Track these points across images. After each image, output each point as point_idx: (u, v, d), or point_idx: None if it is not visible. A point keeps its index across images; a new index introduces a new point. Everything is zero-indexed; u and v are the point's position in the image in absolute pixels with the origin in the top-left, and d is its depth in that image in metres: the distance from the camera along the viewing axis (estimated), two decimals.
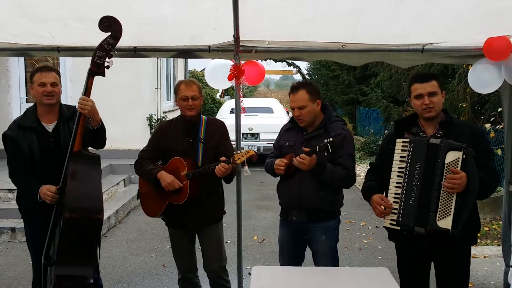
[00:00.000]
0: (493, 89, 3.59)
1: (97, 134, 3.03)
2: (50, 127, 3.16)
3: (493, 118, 6.54)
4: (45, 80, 3.09)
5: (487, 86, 3.54)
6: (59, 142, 3.11)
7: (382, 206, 2.78)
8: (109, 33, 2.80)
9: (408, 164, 2.73)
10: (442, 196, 2.62)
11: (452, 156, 2.60)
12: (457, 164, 2.59)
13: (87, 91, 2.86)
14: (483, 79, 3.50)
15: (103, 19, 2.78)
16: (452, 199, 2.60)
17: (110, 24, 2.79)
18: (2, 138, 3.17)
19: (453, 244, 2.71)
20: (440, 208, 2.62)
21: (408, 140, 2.77)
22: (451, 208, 2.61)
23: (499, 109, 5.90)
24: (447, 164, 2.61)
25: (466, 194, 2.59)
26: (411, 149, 2.73)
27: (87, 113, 2.86)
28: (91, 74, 2.85)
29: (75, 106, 3.18)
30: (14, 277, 4.75)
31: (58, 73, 3.20)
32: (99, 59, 2.82)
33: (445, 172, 2.61)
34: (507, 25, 3.24)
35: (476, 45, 3.44)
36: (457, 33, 3.44)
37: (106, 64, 2.85)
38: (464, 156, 2.58)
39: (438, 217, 2.62)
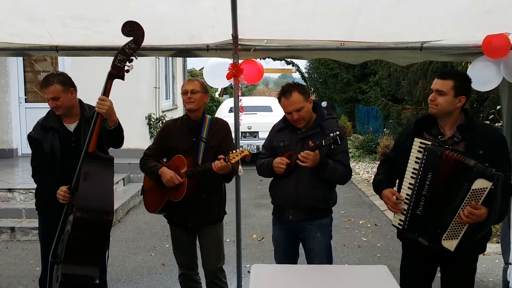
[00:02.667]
0: (492, 87, 3.59)
1: (114, 134, 3.05)
2: (71, 127, 3.23)
3: (492, 116, 6.54)
4: (46, 96, 3.13)
5: (486, 83, 3.54)
6: (80, 142, 3.16)
7: (392, 202, 2.71)
8: (131, 38, 2.81)
9: (420, 172, 2.61)
10: (455, 220, 2.51)
11: (481, 184, 2.42)
12: (483, 193, 2.43)
13: (105, 93, 2.88)
14: (482, 76, 3.49)
15: (126, 24, 2.79)
16: (464, 225, 2.50)
17: (132, 29, 2.79)
18: (27, 138, 3.28)
19: (461, 253, 2.63)
20: (449, 229, 2.53)
21: (427, 143, 2.64)
22: (460, 233, 2.52)
23: (498, 107, 5.91)
24: (472, 190, 2.44)
25: (481, 225, 2.48)
26: (424, 156, 2.60)
27: (105, 113, 2.87)
28: (111, 77, 2.86)
29: None
30: (14, 276, 4.75)
31: (60, 81, 3.11)
32: (120, 62, 2.83)
33: (467, 198, 2.46)
34: (506, 23, 3.24)
35: (475, 43, 3.45)
36: (456, 30, 3.43)
37: (126, 68, 2.86)
38: (493, 187, 2.40)
39: (445, 237, 2.54)
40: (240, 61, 3.65)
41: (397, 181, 2.88)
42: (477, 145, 2.60)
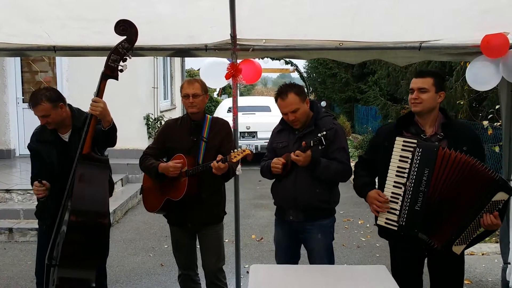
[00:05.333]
0: (491, 86, 3.59)
1: (109, 135, 3.03)
2: (66, 137, 3.21)
3: (491, 115, 6.55)
4: (36, 114, 3.10)
5: (485, 83, 3.54)
6: (75, 150, 3.11)
7: (379, 202, 2.75)
8: (125, 37, 2.77)
9: (416, 168, 2.64)
10: (470, 227, 2.59)
11: (500, 196, 2.53)
12: (499, 204, 2.55)
13: (99, 93, 2.83)
14: (481, 76, 3.49)
15: (119, 22, 2.75)
16: (476, 231, 2.60)
17: (126, 28, 2.75)
18: (28, 148, 3.28)
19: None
20: (462, 236, 2.61)
21: (412, 141, 2.68)
22: (469, 239, 2.61)
23: (497, 106, 5.92)
24: (492, 201, 2.54)
25: (491, 231, 2.61)
26: (419, 152, 2.63)
27: (99, 114, 2.83)
28: (105, 78, 2.80)
29: (87, 113, 3.21)
30: (12, 277, 4.74)
31: (48, 98, 3.04)
32: (113, 62, 2.78)
33: (486, 209, 2.56)
34: (504, 22, 3.24)
35: (474, 42, 3.44)
36: (455, 30, 3.43)
37: (120, 67, 2.81)
38: (507, 199, 2.54)
39: (456, 243, 2.62)
40: (238, 61, 3.65)
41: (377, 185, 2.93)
42: (460, 141, 2.68)
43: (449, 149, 2.61)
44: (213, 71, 3.85)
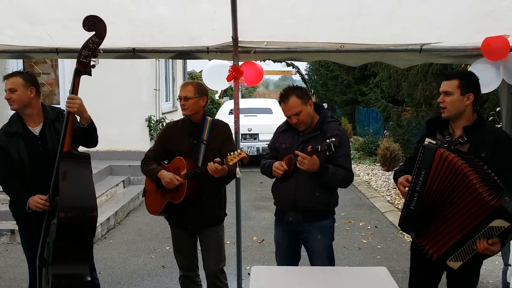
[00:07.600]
0: (492, 89, 3.59)
1: (88, 132, 3.02)
2: (36, 130, 3.16)
3: (491, 118, 6.55)
4: (5, 88, 3.09)
5: (485, 85, 3.52)
6: (47, 144, 3.12)
7: (403, 187, 2.71)
8: (94, 32, 2.80)
9: (416, 168, 2.61)
10: (466, 246, 2.50)
11: (499, 223, 2.39)
12: (499, 230, 2.41)
13: (74, 90, 2.84)
14: (481, 78, 3.45)
15: (87, 18, 2.77)
16: (474, 251, 2.50)
17: (94, 23, 2.78)
18: None
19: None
20: (458, 253, 2.53)
21: (430, 142, 2.64)
22: (466, 257, 2.52)
23: (498, 109, 5.92)
24: (489, 227, 2.41)
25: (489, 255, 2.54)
26: (421, 153, 2.60)
27: (76, 111, 2.85)
28: (78, 74, 2.82)
29: (60, 108, 3.22)
30: (14, 279, 4.75)
31: (23, 76, 3.12)
32: (85, 58, 2.80)
33: (482, 233, 2.44)
34: (504, 25, 3.25)
35: (474, 45, 3.45)
36: (455, 33, 3.44)
37: (92, 63, 2.83)
38: (510, 226, 2.38)
39: (451, 258, 2.55)
40: (240, 63, 3.66)
41: None
42: (480, 147, 2.60)
43: (469, 154, 2.53)
44: (214, 74, 3.87)
